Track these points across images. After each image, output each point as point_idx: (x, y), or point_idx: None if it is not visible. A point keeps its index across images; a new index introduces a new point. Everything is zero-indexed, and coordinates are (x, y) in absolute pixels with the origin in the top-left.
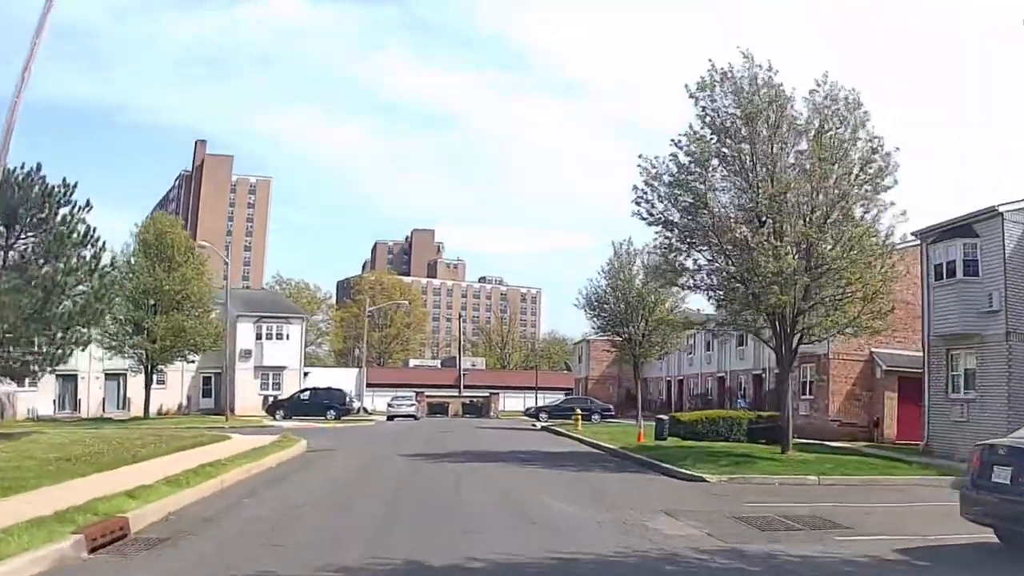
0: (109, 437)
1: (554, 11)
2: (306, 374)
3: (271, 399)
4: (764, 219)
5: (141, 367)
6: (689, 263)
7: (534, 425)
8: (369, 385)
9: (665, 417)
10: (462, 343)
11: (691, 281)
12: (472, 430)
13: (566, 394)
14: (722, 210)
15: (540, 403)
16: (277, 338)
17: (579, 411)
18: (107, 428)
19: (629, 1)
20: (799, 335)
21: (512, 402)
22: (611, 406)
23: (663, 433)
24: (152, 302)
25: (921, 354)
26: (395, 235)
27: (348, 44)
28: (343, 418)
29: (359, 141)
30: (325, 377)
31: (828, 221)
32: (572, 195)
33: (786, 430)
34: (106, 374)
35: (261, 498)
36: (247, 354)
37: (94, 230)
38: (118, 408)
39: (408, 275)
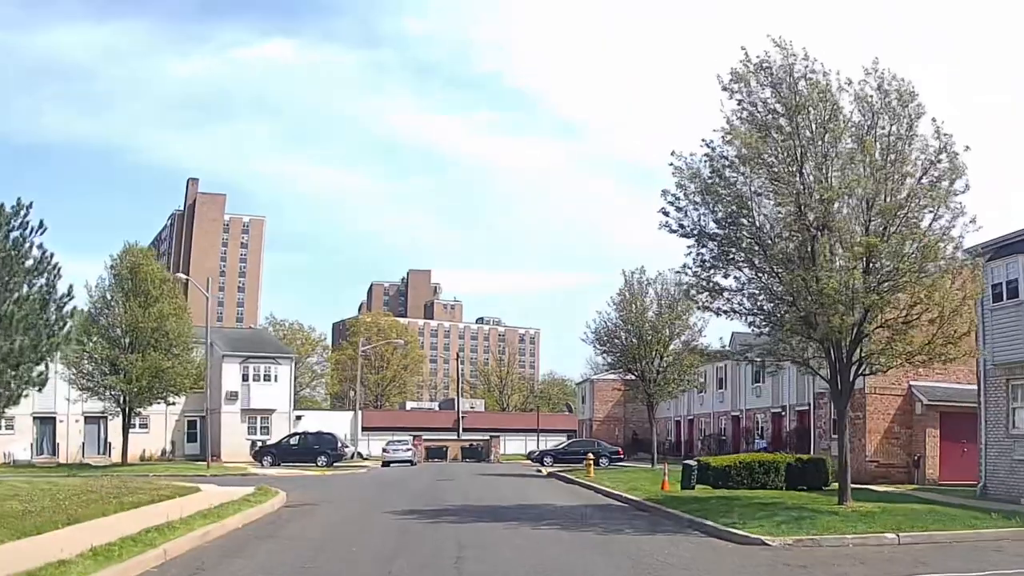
0: (63, 488)
1: (549, 52)
2: (299, 418)
3: (259, 444)
4: (821, 227)
5: (118, 409)
6: (727, 282)
7: (539, 471)
8: (365, 429)
9: (693, 462)
10: (460, 384)
11: (728, 304)
12: (473, 478)
13: (568, 436)
14: (766, 219)
15: (543, 446)
16: (265, 379)
17: (591, 456)
18: (77, 477)
19: (624, 39)
20: (857, 364)
21: (513, 445)
22: (619, 449)
23: (691, 481)
24: (128, 340)
25: (965, 386)
26: (391, 276)
27: (344, 86)
28: (335, 464)
29: (355, 183)
30: (318, 421)
31: (891, 230)
32: (570, 235)
33: (844, 476)
34: (85, 417)
35: None
36: (233, 396)
37: (51, 256)
38: (99, 453)
39: (405, 316)
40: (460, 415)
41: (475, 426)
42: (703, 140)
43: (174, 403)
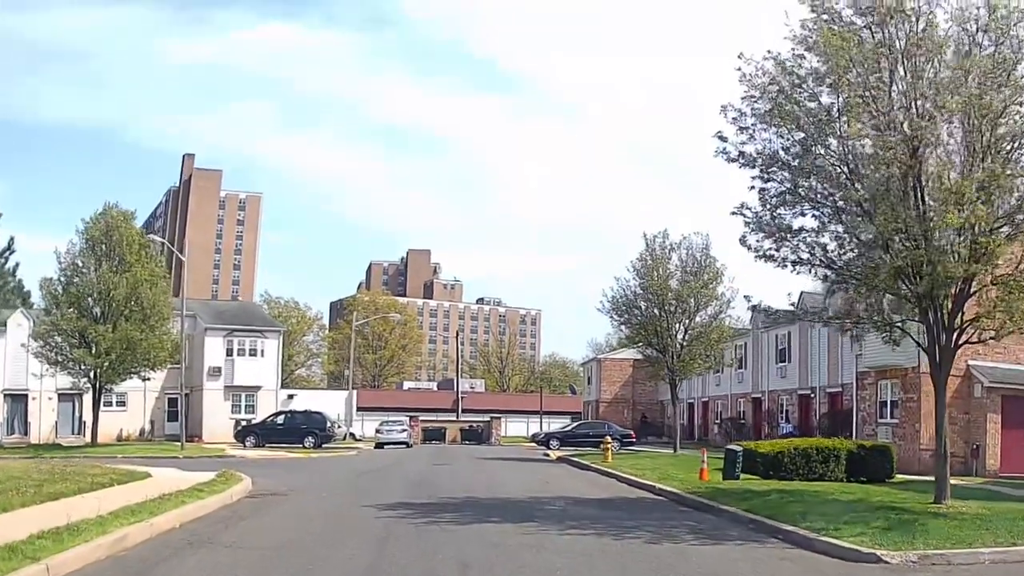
0: None
1: (549, 35)
2: (291, 396)
3: (243, 424)
4: (922, 149)
5: (89, 386)
6: (802, 222)
7: (547, 455)
8: (360, 409)
9: (737, 448)
10: (460, 363)
11: (800, 253)
12: (474, 462)
13: (572, 418)
14: (849, 150)
15: (546, 428)
16: (251, 354)
17: (608, 439)
18: (24, 460)
19: (623, 23)
20: (959, 331)
21: (514, 427)
22: (631, 431)
23: (735, 469)
24: (99, 310)
25: None
26: (391, 256)
27: (346, 68)
28: (324, 446)
29: (354, 164)
30: (311, 400)
31: (1010, 158)
32: (570, 217)
33: (943, 469)
34: (60, 394)
35: None
36: (216, 372)
37: None
38: (73, 432)
39: (404, 296)
40: (459, 395)
41: (475, 407)
42: (768, 53)
43: (149, 379)
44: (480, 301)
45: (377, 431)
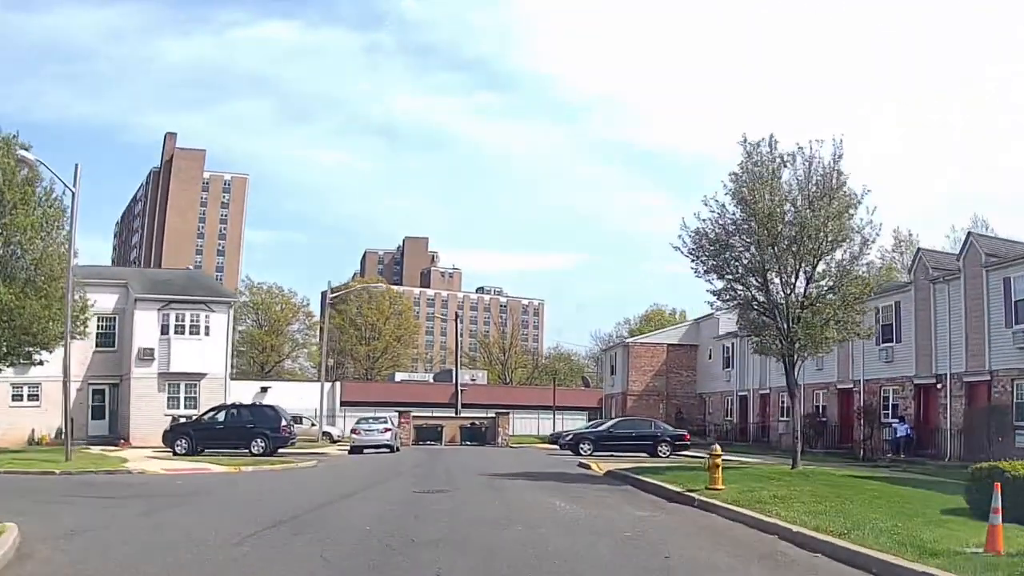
0: None
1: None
2: (264, 389)
3: (179, 421)
4: None
5: None
6: None
7: (585, 467)
8: (344, 403)
9: None
10: (459, 351)
11: None
12: (487, 486)
13: (589, 415)
14: None
15: (562, 426)
16: (192, 332)
17: (716, 451)
18: None
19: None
20: None
21: (522, 424)
22: (684, 432)
23: None
24: None
25: None
26: (387, 244)
27: (342, 66)
28: (280, 450)
29: (350, 161)
30: (287, 393)
31: None
32: (566, 216)
33: None
34: None
35: None
36: (148, 355)
37: None
38: None
39: (400, 285)
40: (459, 388)
41: (476, 401)
42: None
43: (40, 363)
44: (480, 290)
45: (353, 431)
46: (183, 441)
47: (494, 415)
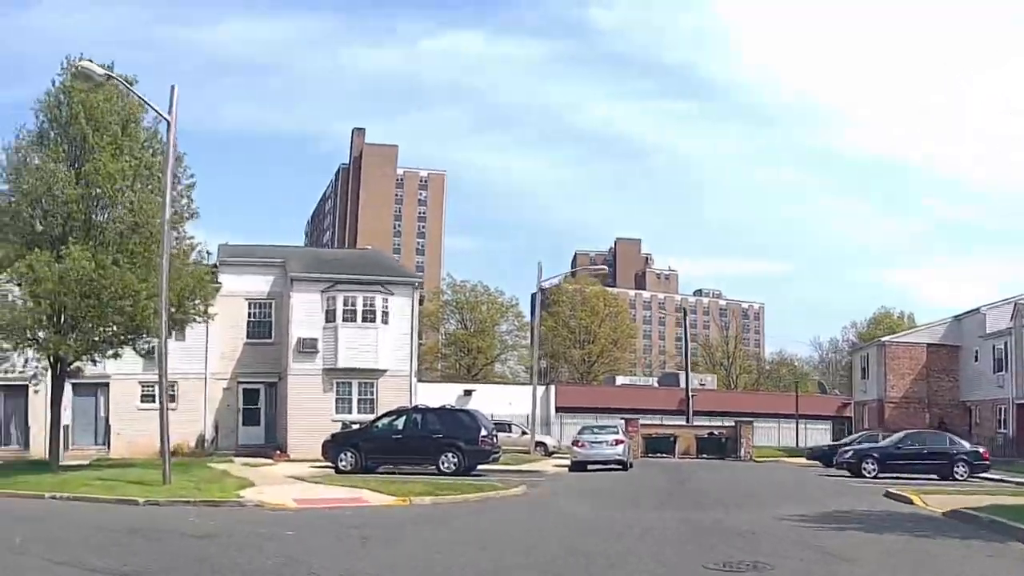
0: None
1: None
2: (468, 392)
3: (347, 427)
4: None
5: (44, 367)
6: None
7: (898, 499)
8: (559, 409)
9: None
10: (688, 350)
11: None
12: (794, 536)
13: (835, 424)
14: None
15: (806, 437)
16: (366, 319)
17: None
18: None
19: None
20: None
21: (760, 434)
22: (983, 450)
23: None
24: (39, 227)
25: None
26: (598, 245)
27: (530, 75)
28: (480, 466)
29: (544, 168)
30: (493, 396)
31: None
32: (769, 224)
33: None
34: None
35: None
36: (309, 347)
37: None
38: (97, 442)
39: (614, 287)
40: (689, 393)
41: (704, 408)
42: None
43: (148, 353)
44: (698, 292)
45: (575, 442)
46: (348, 454)
47: (734, 424)
